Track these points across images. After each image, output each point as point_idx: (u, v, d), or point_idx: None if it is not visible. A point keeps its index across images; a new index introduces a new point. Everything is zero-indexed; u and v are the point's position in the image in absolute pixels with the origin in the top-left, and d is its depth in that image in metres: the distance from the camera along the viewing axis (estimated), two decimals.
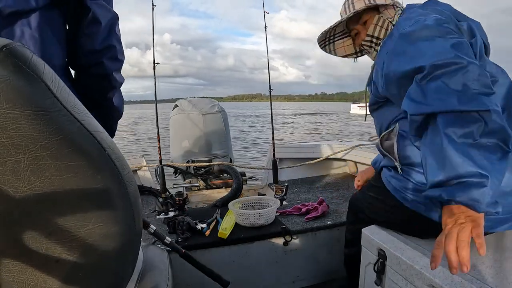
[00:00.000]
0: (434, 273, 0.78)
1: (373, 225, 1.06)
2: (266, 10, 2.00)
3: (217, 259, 1.33)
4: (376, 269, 0.97)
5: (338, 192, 2.02)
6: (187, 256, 1.08)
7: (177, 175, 2.65)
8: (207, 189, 2.42)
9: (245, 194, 2.25)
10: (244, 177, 2.34)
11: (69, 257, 0.44)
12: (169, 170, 2.50)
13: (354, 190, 2.04)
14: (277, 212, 1.58)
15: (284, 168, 2.35)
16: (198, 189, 2.42)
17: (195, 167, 2.45)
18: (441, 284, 0.75)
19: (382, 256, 0.96)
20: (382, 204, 1.04)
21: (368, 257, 1.04)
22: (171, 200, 1.64)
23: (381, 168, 1.09)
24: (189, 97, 2.74)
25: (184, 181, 2.52)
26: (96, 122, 0.45)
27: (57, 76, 0.41)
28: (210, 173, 2.44)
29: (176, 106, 2.66)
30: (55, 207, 0.42)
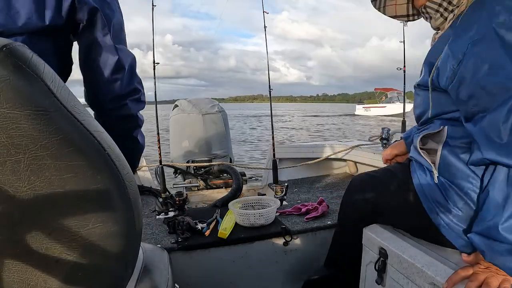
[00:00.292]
0: (436, 272, 0.78)
1: (374, 224, 1.06)
2: (267, 11, 2.00)
3: (217, 259, 1.33)
4: (377, 268, 0.97)
5: (338, 192, 2.02)
6: None
7: (177, 175, 2.65)
8: (207, 189, 2.41)
9: (245, 194, 2.25)
10: (244, 177, 2.34)
11: (69, 257, 0.44)
12: (169, 170, 2.50)
13: None
14: (277, 212, 1.58)
15: (284, 168, 2.35)
16: (198, 189, 2.42)
17: (195, 167, 2.45)
18: (443, 282, 0.75)
19: (383, 255, 0.96)
20: (402, 202, 0.91)
21: (369, 256, 1.04)
22: (171, 200, 1.64)
23: (409, 159, 0.94)
24: (189, 98, 2.74)
25: (184, 181, 2.52)
26: (96, 122, 0.46)
27: (57, 76, 0.41)
28: (210, 173, 2.43)
29: (176, 106, 2.66)
30: (55, 207, 0.42)
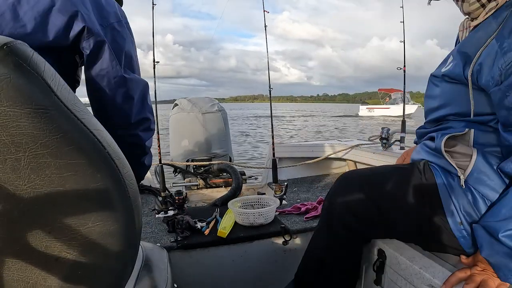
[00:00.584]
0: (433, 273, 0.79)
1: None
2: (267, 10, 2.00)
3: (217, 258, 1.33)
4: (376, 269, 0.98)
5: None
6: None
7: (177, 174, 2.65)
8: (207, 188, 2.41)
9: (245, 193, 2.25)
10: (244, 176, 2.34)
11: (69, 256, 0.44)
12: (169, 169, 2.50)
13: None
14: (277, 212, 1.58)
15: (284, 168, 2.35)
16: (198, 188, 2.42)
17: (195, 166, 2.45)
18: (440, 284, 0.75)
19: (382, 256, 0.96)
20: (416, 206, 0.82)
21: (368, 257, 1.04)
22: (171, 199, 1.64)
23: (424, 162, 0.85)
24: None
25: (184, 180, 2.52)
26: (96, 121, 0.45)
27: (58, 75, 0.41)
28: (210, 172, 2.43)
29: (176, 105, 2.66)
30: (55, 206, 0.42)
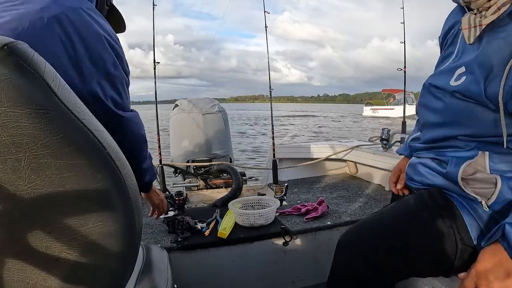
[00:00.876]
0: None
1: None
2: (268, 10, 2.01)
3: (217, 259, 1.32)
4: None
5: (338, 193, 2.02)
6: None
7: (177, 175, 2.65)
8: (207, 189, 2.41)
9: (245, 194, 2.25)
10: (244, 177, 2.34)
11: (69, 256, 0.44)
12: (169, 170, 2.50)
13: (354, 190, 2.06)
14: (277, 212, 1.58)
15: (284, 168, 2.35)
16: (198, 189, 2.42)
17: (195, 167, 2.45)
18: (441, 286, 0.75)
19: None
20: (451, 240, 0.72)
21: None
22: (171, 200, 1.64)
23: (437, 191, 0.77)
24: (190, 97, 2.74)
25: (184, 181, 2.52)
26: (97, 121, 0.45)
27: (58, 75, 0.41)
28: (210, 173, 2.43)
29: (176, 106, 2.66)
30: (55, 206, 0.42)
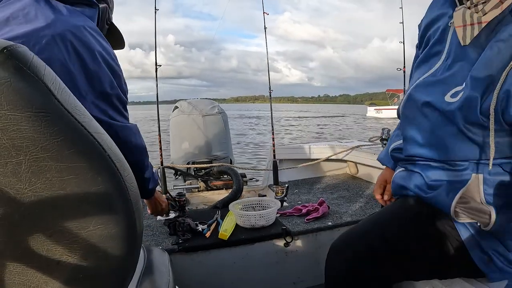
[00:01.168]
0: None
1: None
2: (268, 12, 2.02)
3: (218, 261, 1.32)
4: None
5: (339, 193, 2.02)
6: None
7: (178, 177, 2.65)
8: (208, 191, 2.41)
9: (246, 196, 2.24)
10: (245, 178, 2.34)
11: (70, 259, 0.44)
12: (170, 172, 2.50)
13: (355, 191, 2.06)
14: (278, 213, 1.58)
15: (285, 169, 2.35)
16: (199, 191, 2.42)
17: (196, 169, 2.45)
18: (441, 286, 0.75)
19: None
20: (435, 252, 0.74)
21: None
22: (173, 202, 1.64)
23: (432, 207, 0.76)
24: (190, 98, 2.75)
25: (185, 183, 2.52)
26: (97, 124, 0.45)
27: (58, 78, 0.41)
28: (211, 175, 2.43)
29: (176, 108, 2.66)
30: (56, 209, 0.42)
